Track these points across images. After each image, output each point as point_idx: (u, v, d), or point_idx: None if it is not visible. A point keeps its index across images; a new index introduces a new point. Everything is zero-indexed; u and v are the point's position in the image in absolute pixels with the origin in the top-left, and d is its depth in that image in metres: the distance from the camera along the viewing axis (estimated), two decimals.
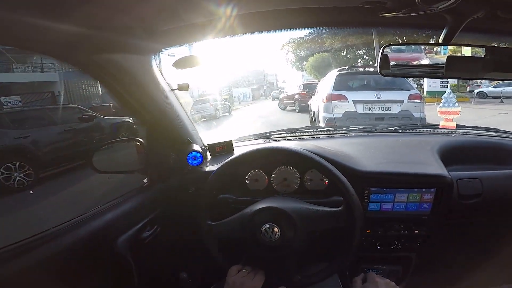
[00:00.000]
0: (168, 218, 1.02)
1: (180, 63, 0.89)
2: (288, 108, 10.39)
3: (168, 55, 0.98)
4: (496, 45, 0.77)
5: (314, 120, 4.84)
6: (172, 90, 0.96)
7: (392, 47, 0.82)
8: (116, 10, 0.57)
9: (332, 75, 4.22)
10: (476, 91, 12.66)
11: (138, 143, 0.99)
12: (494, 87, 11.90)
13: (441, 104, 1.32)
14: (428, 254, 1.01)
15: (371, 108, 3.73)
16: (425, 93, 9.71)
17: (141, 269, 0.89)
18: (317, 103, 4.50)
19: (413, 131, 1.30)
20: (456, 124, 1.29)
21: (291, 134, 1.36)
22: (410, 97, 3.67)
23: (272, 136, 1.35)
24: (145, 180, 1.02)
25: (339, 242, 0.78)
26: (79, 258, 0.75)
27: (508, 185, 0.92)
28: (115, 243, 0.83)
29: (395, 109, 3.66)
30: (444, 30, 0.65)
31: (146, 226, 0.93)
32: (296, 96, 9.57)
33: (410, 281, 1.01)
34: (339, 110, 3.75)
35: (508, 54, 0.71)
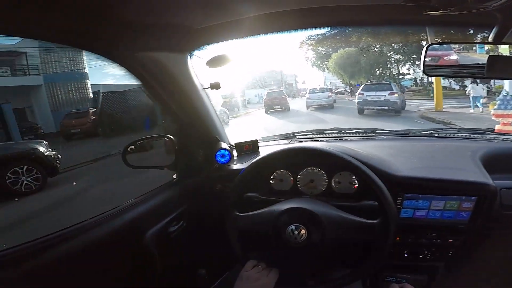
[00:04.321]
0: (194, 214, 1.10)
1: (213, 62, 0.98)
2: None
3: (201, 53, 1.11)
4: None
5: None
6: (204, 88, 1.06)
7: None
8: (156, 6, 0.65)
9: (362, 86, 10.32)
10: None
11: (169, 140, 1.10)
12: None
13: (496, 107, 1.35)
14: (458, 265, 1.02)
15: (373, 96, 9.04)
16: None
17: (164, 262, 0.97)
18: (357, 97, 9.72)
19: (450, 136, 1.31)
20: None
21: (318, 135, 1.42)
22: (390, 94, 8.83)
23: (297, 137, 1.41)
24: (174, 176, 1.13)
25: (365, 251, 0.81)
26: (110, 249, 0.84)
27: None
28: (144, 236, 0.92)
29: (382, 98, 8.87)
30: (495, 28, 0.67)
31: (173, 221, 1.03)
32: (267, 99, 13.77)
33: None
34: (360, 98, 9.27)
35: None
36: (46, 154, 4.31)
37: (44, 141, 4.49)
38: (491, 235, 0.97)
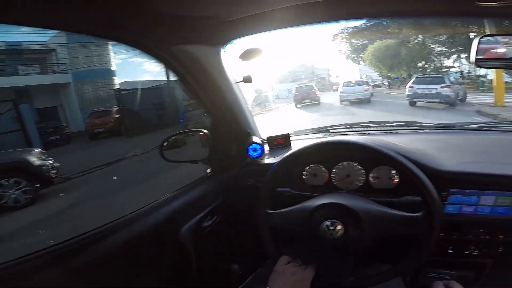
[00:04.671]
0: (227, 208, 1.15)
1: (246, 54, 1.03)
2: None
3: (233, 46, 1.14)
4: None
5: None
6: (237, 82, 1.11)
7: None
8: (191, 0, 0.70)
9: (413, 78, 10.63)
10: None
11: (203, 134, 1.16)
12: None
13: None
14: (508, 262, 0.98)
15: (424, 89, 9.21)
16: None
17: (198, 257, 1.01)
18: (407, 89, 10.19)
19: (501, 129, 1.26)
20: None
21: (354, 129, 1.41)
22: (442, 87, 8.92)
23: (331, 131, 1.41)
24: (208, 170, 1.19)
25: (406, 246, 0.80)
26: (149, 243, 0.88)
27: None
28: (180, 232, 0.97)
29: (434, 91, 8.98)
30: None
31: (207, 216, 1.07)
32: (296, 94, 14.12)
33: None
34: (410, 90, 9.47)
35: None
36: (36, 164, 3.95)
37: (36, 149, 4.24)
38: None
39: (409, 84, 10.08)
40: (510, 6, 0.61)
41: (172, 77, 0.97)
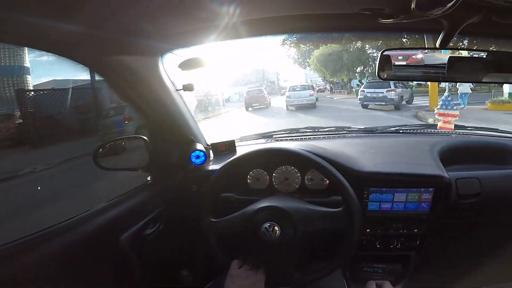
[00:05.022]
0: (170, 215, 1.17)
1: (186, 65, 1.06)
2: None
3: (174, 55, 1.16)
4: (495, 49, 0.90)
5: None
6: (177, 90, 1.13)
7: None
8: (123, 12, 0.70)
9: (365, 84, 13.20)
10: None
11: (142, 141, 1.15)
12: None
13: (438, 106, 1.54)
14: (427, 253, 1.16)
15: (372, 93, 10.72)
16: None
17: (143, 266, 1.02)
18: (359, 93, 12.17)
19: (414, 132, 1.48)
20: (455, 125, 1.48)
21: (293, 134, 1.55)
22: (387, 91, 10.35)
23: (274, 136, 1.53)
24: (148, 178, 1.18)
25: (338, 241, 0.90)
26: (83, 254, 0.86)
27: (507, 185, 1.06)
28: (119, 240, 0.96)
29: (381, 94, 10.49)
30: (441, 34, 0.77)
31: (149, 223, 1.08)
32: (247, 97, 15.44)
33: (410, 279, 1.15)
34: (361, 94, 11.23)
35: (508, 56, 0.82)
36: None
37: None
38: (453, 223, 1.10)
39: (361, 88, 12.05)
40: (403, 22, 0.73)
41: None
